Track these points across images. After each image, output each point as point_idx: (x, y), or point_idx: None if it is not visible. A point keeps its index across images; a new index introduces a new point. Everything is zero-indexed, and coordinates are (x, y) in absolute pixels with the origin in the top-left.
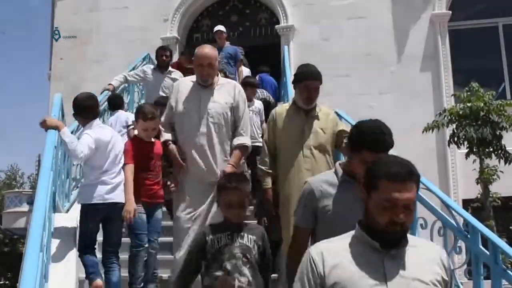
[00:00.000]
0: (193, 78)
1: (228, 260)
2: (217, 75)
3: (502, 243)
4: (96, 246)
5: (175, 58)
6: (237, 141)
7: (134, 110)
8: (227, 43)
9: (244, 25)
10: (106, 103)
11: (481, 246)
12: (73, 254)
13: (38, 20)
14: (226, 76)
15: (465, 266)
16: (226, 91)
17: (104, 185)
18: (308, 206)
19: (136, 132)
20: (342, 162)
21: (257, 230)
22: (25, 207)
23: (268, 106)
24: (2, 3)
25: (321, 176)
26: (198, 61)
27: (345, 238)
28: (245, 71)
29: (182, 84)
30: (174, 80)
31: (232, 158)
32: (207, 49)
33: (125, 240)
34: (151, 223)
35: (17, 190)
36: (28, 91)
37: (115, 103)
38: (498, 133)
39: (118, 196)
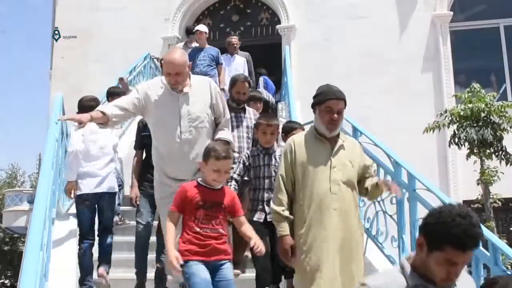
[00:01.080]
0: (164, 80)
1: None
2: (188, 76)
3: (502, 244)
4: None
5: None
6: (218, 135)
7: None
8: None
9: (245, 24)
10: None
11: (481, 247)
12: (73, 253)
13: (39, 19)
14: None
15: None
16: (202, 91)
17: (93, 177)
18: None
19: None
20: (411, 258)
21: None
22: (25, 206)
23: (267, 107)
24: (3, 3)
25: (383, 278)
26: (166, 69)
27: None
28: (237, 59)
29: (153, 87)
30: None
31: None
32: (176, 55)
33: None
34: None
35: (17, 188)
36: (29, 90)
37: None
38: (498, 134)
39: (104, 187)
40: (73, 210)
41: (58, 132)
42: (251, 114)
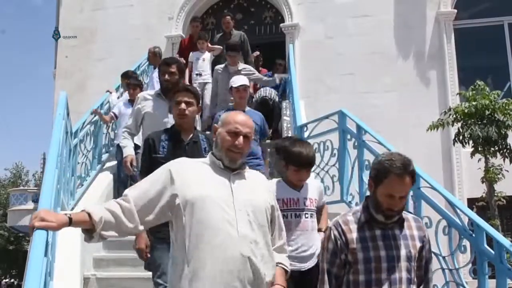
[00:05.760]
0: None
1: None
2: None
3: (507, 242)
4: None
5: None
6: (279, 259)
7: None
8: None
9: (249, 23)
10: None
11: (486, 245)
12: (78, 252)
13: (43, 18)
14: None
15: (470, 265)
16: (258, 182)
17: None
18: None
19: None
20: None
21: None
22: (30, 205)
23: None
24: (5, 2)
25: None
26: (230, 128)
27: None
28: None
29: (186, 164)
30: None
31: (279, 278)
32: (242, 114)
33: None
34: None
35: (22, 188)
36: (33, 89)
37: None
38: (503, 132)
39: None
40: (78, 208)
41: (62, 131)
42: (413, 230)
